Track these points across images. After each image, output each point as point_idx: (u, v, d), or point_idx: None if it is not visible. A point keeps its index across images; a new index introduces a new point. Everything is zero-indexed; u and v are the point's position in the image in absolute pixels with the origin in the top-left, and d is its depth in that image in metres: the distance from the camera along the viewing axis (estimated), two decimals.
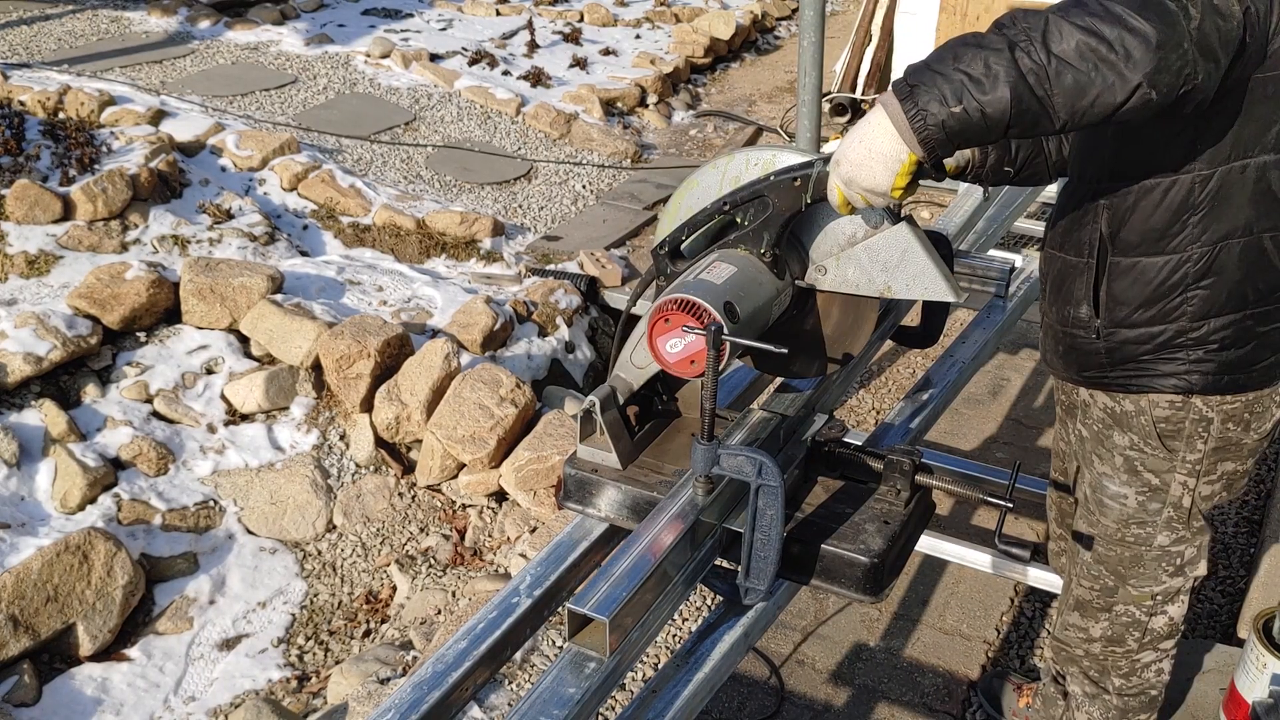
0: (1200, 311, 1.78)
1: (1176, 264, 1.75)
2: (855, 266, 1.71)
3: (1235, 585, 3.33)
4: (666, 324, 1.57)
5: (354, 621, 3.66)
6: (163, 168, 5.11)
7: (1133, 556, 2.02)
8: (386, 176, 6.13)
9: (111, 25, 7.74)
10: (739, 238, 1.69)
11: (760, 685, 2.98)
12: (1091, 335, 1.89)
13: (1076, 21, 1.41)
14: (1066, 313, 1.93)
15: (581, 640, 1.45)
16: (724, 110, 7.96)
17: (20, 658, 3.28)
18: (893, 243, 1.66)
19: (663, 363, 1.62)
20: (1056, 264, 1.94)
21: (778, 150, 1.73)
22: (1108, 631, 2.13)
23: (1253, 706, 2.38)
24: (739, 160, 1.76)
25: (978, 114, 1.42)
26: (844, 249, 1.70)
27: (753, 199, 1.66)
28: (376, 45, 7.70)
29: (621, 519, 1.74)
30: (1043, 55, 1.41)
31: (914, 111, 1.43)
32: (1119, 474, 1.97)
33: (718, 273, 1.62)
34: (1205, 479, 1.93)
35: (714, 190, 1.76)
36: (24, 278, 4.49)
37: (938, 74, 1.43)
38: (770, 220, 1.65)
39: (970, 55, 1.43)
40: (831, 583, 1.63)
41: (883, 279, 1.69)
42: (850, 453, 1.79)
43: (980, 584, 3.29)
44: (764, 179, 1.65)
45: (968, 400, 4.26)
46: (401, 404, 4.10)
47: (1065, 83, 1.41)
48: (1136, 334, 1.83)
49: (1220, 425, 1.88)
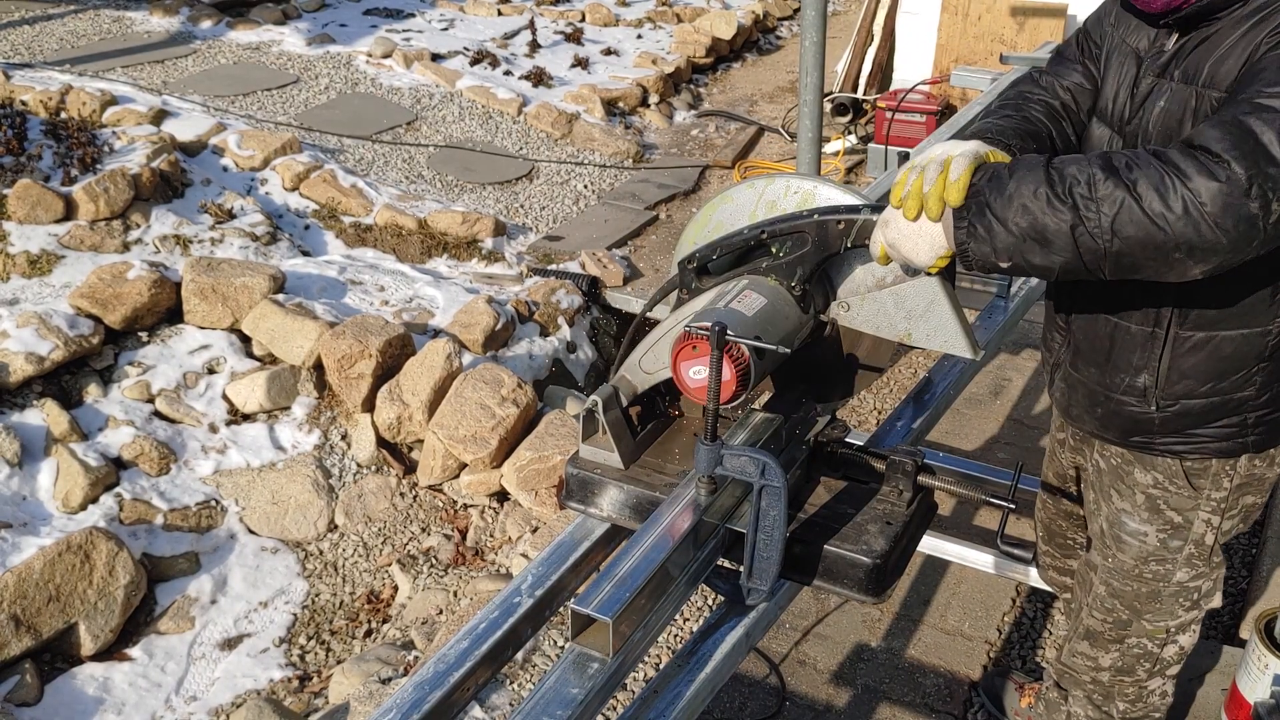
0: (1268, 381, 1.76)
1: (1256, 337, 1.72)
2: (879, 309, 1.70)
3: (1237, 586, 3.33)
4: (694, 351, 1.57)
5: (355, 621, 3.67)
6: (164, 167, 5.11)
7: (1150, 592, 1.99)
8: (388, 176, 6.13)
9: (113, 25, 7.74)
10: (771, 268, 1.68)
11: (762, 685, 2.98)
12: (1148, 405, 1.83)
13: (1149, 210, 1.37)
14: (1117, 380, 1.86)
15: (584, 640, 1.45)
16: (726, 110, 7.96)
17: (22, 657, 3.28)
18: (921, 292, 1.65)
19: (684, 387, 1.62)
20: (1105, 327, 1.85)
21: (819, 183, 1.72)
22: (1118, 662, 2.10)
23: (1254, 707, 2.38)
24: (778, 185, 1.75)
25: (1024, 268, 1.45)
26: (871, 290, 1.69)
27: (792, 233, 1.65)
28: (378, 45, 7.70)
29: (624, 519, 1.74)
30: (1106, 240, 1.39)
31: (963, 244, 1.46)
32: (1139, 511, 1.94)
33: (748, 303, 1.62)
34: (1228, 515, 1.91)
35: (748, 209, 1.75)
36: (26, 277, 4.50)
37: (997, 219, 1.43)
38: (806, 257, 1.64)
39: (1035, 212, 1.40)
40: (834, 583, 1.63)
41: (904, 325, 1.69)
42: (852, 453, 1.79)
43: (982, 584, 3.29)
44: (805, 213, 1.63)
45: (969, 400, 4.26)
46: (403, 404, 4.10)
47: (1122, 264, 1.42)
48: (1199, 404, 1.79)
49: (1247, 463, 1.86)
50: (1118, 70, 1.81)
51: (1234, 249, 1.38)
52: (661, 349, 1.72)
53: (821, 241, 1.63)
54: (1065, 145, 1.88)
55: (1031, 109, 1.88)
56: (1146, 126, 1.71)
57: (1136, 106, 1.75)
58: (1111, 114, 1.81)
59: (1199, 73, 1.62)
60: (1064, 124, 1.89)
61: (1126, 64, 1.79)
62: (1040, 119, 1.86)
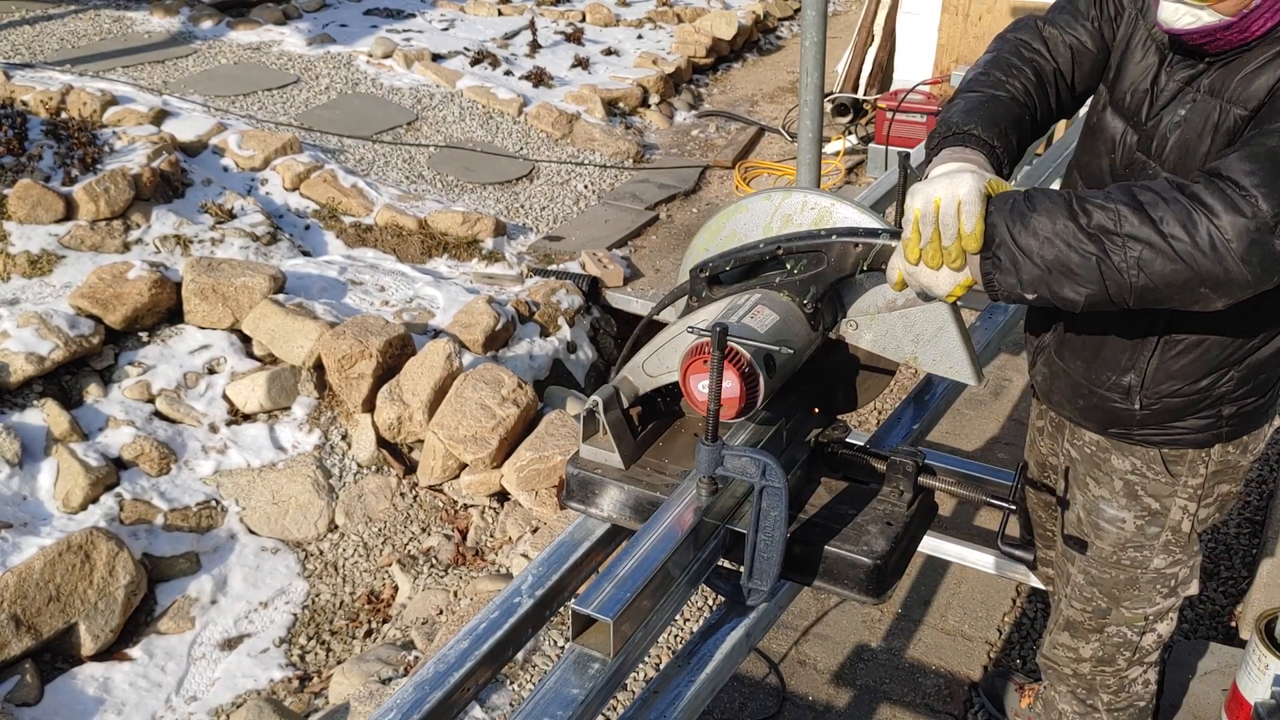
0: (1245, 376, 1.78)
1: (1242, 341, 1.74)
2: (888, 330, 1.71)
3: (1237, 586, 3.33)
4: (705, 365, 1.56)
5: (356, 621, 3.67)
6: (165, 167, 5.11)
7: (1128, 579, 2.01)
8: (388, 176, 6.13)
9: (114, 25, 7.74)
10: (785, 283, 1.68)
11: (762, 686, 2.98)
12: (1131, 403, 1.85)
13: (1176, 248, 1.38)
14: (1103, 376, 1.87)
15: (585, 641, 1.45)
16: (726, 110, 7.96)
17: (22, 657, 3.28)
18: (930, 317, 1.66)
19: (693, 401, 1.62)
20: (1097, 325, 1.85)
21: (835, 200, 1.72)
22: (1098, 652, 2.12)
23: (1255, 707, 2.38)
24: (795, 200, 1.75)
25: (1051, 299, 1.46)
26: (881, 311, 1.70)
27: (808, 251, 1.65)
28: (379, 45, 7.70)
29: (624, 519, 1.74)
30: (1133, 276, 1.40)
31: (988, 275, 1.47)
32: (1118, 498, 1.95)
33: (761, 319, 1.62)
34: (1204, 503, 1.93)
35: (762, 221, 1.75)
36: (26, 277, 4.50)
37: (1022, 252, 1.43)
38: (821, 277, 1.64)
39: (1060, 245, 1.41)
40: (834, 584, 1.63)
41: (911, 349, 1.70)
42: (853, 454, 1.79)
43: (982, 584, 3.29)
44: (824, 233, 1.63)
45: (970, 401, 4.26)
46: (403, 404, 4.10)
47: (1148, 298, 1.43)
48: (1179, 402, 1.81)
49: (1220, 450, 1.88)
50: (1140, 59, 1.74)
51: (1258, 284, 1.40)
52: (666, 354, 1.72)
53: (838, 263, 1.63)
54: (1045, 119, 1.82)
55: (1016, 80, 1.78)
56: (1165, 132, 1.68)
57: (1157, 108, 1.71)
58: (1128, 106, 1.77)
59: (1225, 87, 1.60)
60: (1049, 93, 1.82)
61: (1149, 55, 1.73)
62: (1024, 96, 1.78)
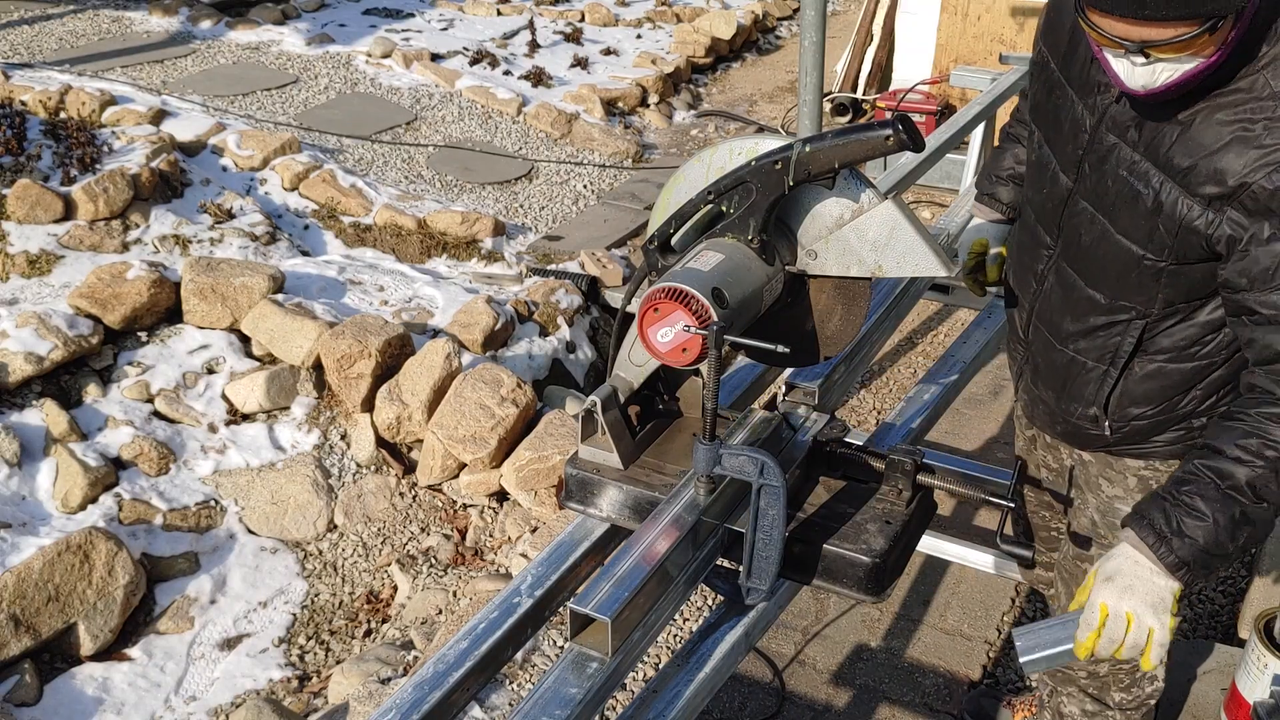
0: (1206, 394, 1.81)
1: (1203, 368, 1.78)
2: (845, 248, 1.69)
3: (1236, 585, 3.33)
4: (656, 314, 1.57)
5: (355, 621, 3.66)
6: (164, 167, 5.11)
7: None
8: (388, 176, 6.13)
9: (113, 25, 7.74)
10: (726, 226, 1.68)
11: (761, 685, 2.98)
12: (1101, 429, 1.91)
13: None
14: (1072, 407, 1.93)
15: (583, 640, 1.45)
16: (725, 110, 7.96)
17: (21, 657, 3.28)
18: (880, 221, 1.64)
19: (655, 353, 1.61)
20: (1061, 358, 1.91)
21: (759, 138, 1.71)
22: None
23: (1254, 707, 2.38)
24: (723, 151, 1.75)
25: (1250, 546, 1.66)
26: (832, 231, 1.69)
27: (735, 186, 1.65)
28: (378, 45, 7.70)
29: (623, 519, 1.74)
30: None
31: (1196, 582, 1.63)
32: (1133, 494, 1.96)
33: (705, 260, 1.62)
34: None
35: (700, 183, 1.74)
36: (25, 277, 4.50)
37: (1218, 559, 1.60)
38: (755, 206, 1.64)
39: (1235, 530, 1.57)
40: (833, 583, 1.63)
41: (873, 258, 1.67)
42: (852, 452, 1.79)
43: (982, 584, 3.29)
44: (746, 165, 1.64)
45: (969, 400, 4.26)
46: (402, 404, 4.10)
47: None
48: (1146, 424, 1.87)
49: None
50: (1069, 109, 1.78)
51: None
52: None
53: (764, 186, 1.62)
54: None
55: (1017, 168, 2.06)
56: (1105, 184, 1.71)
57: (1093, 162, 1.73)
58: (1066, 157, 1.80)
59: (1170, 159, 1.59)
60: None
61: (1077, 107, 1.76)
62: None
